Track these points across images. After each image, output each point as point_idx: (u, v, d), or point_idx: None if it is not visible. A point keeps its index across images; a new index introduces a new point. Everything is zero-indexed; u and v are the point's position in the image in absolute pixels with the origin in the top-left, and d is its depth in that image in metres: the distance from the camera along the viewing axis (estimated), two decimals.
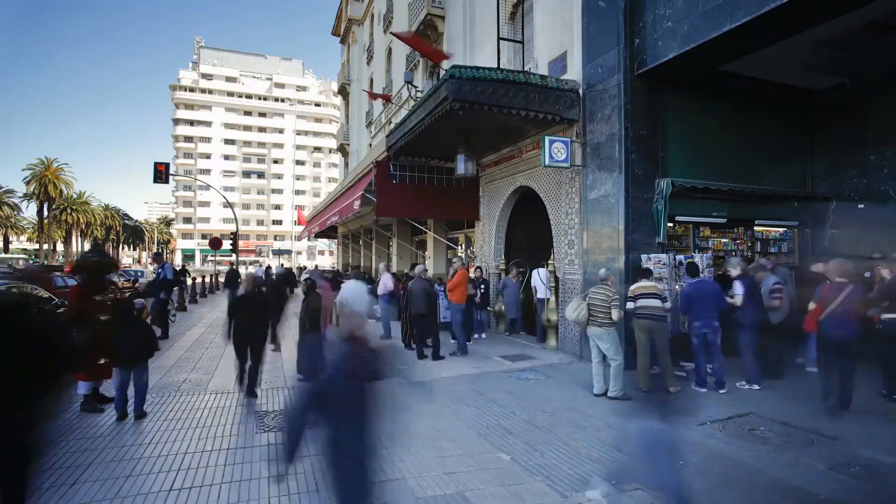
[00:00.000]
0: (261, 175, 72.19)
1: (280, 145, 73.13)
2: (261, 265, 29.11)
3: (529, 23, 9.74)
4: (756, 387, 5.81)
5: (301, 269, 21.07)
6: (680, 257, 7.09)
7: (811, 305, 5.24)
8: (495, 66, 8.71)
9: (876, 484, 3.53)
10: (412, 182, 11.02)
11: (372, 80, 22.78)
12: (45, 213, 48.61)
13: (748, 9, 5.27)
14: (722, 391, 5.68)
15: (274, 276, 12.84)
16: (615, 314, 5.48)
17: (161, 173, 18.21)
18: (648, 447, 2.76)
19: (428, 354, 7.73)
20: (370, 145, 21.44)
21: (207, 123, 69.75)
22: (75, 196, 52.61)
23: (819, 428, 4.49)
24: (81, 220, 52.48)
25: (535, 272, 9.05)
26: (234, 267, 17.59)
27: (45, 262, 38.66)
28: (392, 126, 12.04)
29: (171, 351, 8.48)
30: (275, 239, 68.95)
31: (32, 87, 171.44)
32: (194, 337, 10.05)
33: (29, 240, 58.51)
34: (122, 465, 3.76)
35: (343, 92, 29.14)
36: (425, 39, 10.08)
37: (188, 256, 63.27)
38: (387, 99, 14.66)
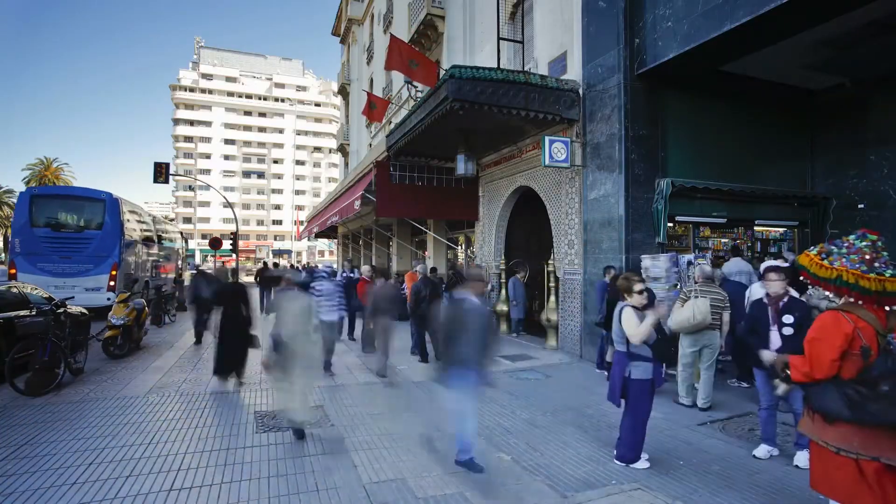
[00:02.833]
0: (261, 175, 72.14)
1: (280, 145, 73.08)
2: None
3: (529, 23, 9.74)
4: (745, 384, 5.88)
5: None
6: (688, 257, 6.95)
7: None
8: (495, 66, 8.72)
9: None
10: (412, 182, 11.02)
11: (372, 80, 22.77)
12: None
13: (748, 9, 5.27)
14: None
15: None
16: (727, 316, 5.21)
17: (161, 173, 18.22)
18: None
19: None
20: (370, 145, 21.44)
21: (207, 123, 69.69)
22: None
23: None
24: None
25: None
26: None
27: None
28: (392, 126, 12.04)
29: (172, 351, 8.49)
30: (275, 239, 68.92)
31: (32, 87, 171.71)
32: (194, 337, 10.04)
33: None
34: (122, 465, 3.76)
35: (343, 92, 29.12)
36: (418, 66, 9.84)
37: (188, 256, 63.24)
38: (378, 119, 14.47)
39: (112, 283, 11.80)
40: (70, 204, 12.39)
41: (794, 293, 3.96)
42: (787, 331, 3.69)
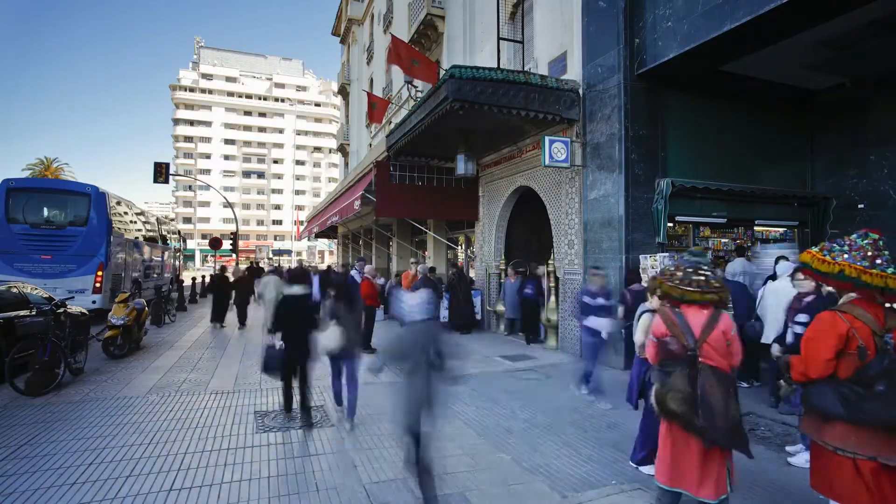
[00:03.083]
0: (261, 175, 72.17)
1: (280, 145, 73.12)
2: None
3: (529, 23, 9.74)
4: (745, 384, 5.90)
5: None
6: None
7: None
8: (495, 66, 8.72)
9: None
10: (412, 182, 11.02)
11: (372, 80, 22.77)
12: None
13: (748, 8, 5.28)
14: None
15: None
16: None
17: (161, 173, 18.25)
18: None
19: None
20: (370, 145, 21.44)
21: (207, 123, 69.72)
22: None
23: None
24: None
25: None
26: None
27: None
28: (392, 126, 12.04)
29: (172, 351, 8.49)
30: (275, 239, 68.92)
31: (32, 87, 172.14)
32: (194, 337, 10.06)
33: None
34: (122, 464, 3.76)
35: (343, 92, 29.13)
36: (420, 64, 9.91)
37: (188, 257, 63.24)
38: (378, 119, 14.45)
39: (98, 285, 10.87)
40: (51, 198, 11.45)
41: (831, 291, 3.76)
42: (798, 329, 3.61)
